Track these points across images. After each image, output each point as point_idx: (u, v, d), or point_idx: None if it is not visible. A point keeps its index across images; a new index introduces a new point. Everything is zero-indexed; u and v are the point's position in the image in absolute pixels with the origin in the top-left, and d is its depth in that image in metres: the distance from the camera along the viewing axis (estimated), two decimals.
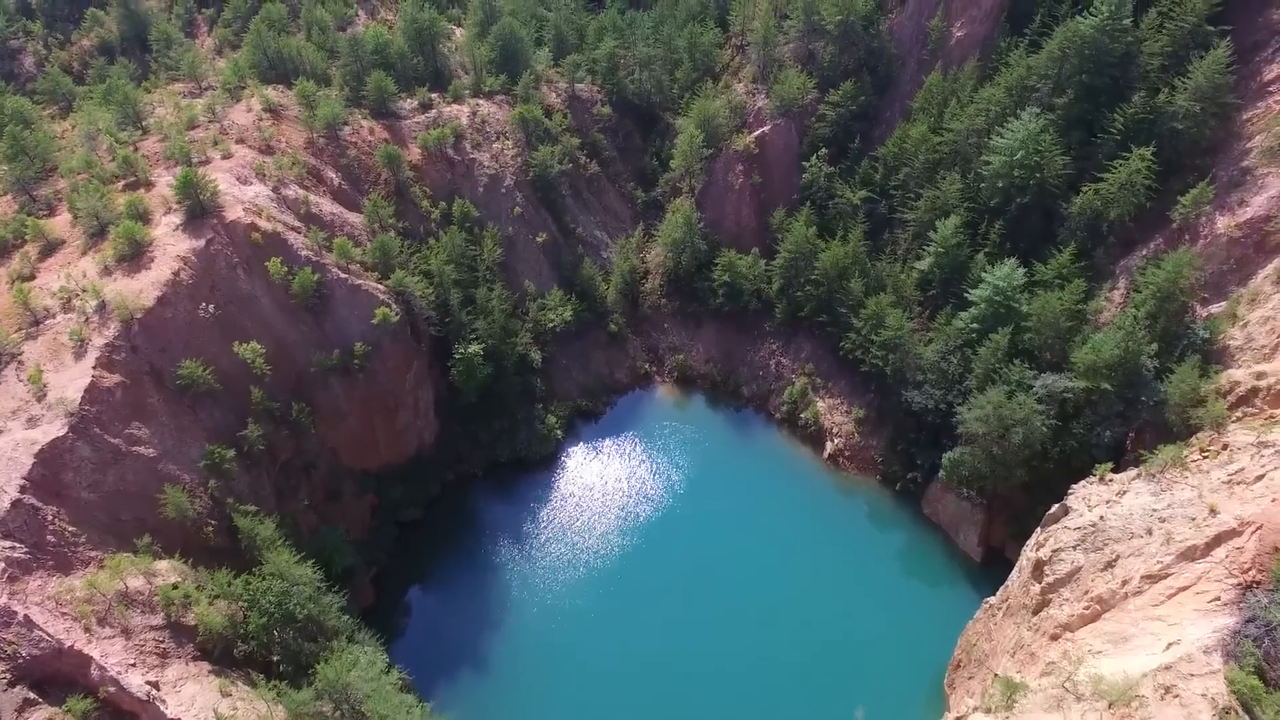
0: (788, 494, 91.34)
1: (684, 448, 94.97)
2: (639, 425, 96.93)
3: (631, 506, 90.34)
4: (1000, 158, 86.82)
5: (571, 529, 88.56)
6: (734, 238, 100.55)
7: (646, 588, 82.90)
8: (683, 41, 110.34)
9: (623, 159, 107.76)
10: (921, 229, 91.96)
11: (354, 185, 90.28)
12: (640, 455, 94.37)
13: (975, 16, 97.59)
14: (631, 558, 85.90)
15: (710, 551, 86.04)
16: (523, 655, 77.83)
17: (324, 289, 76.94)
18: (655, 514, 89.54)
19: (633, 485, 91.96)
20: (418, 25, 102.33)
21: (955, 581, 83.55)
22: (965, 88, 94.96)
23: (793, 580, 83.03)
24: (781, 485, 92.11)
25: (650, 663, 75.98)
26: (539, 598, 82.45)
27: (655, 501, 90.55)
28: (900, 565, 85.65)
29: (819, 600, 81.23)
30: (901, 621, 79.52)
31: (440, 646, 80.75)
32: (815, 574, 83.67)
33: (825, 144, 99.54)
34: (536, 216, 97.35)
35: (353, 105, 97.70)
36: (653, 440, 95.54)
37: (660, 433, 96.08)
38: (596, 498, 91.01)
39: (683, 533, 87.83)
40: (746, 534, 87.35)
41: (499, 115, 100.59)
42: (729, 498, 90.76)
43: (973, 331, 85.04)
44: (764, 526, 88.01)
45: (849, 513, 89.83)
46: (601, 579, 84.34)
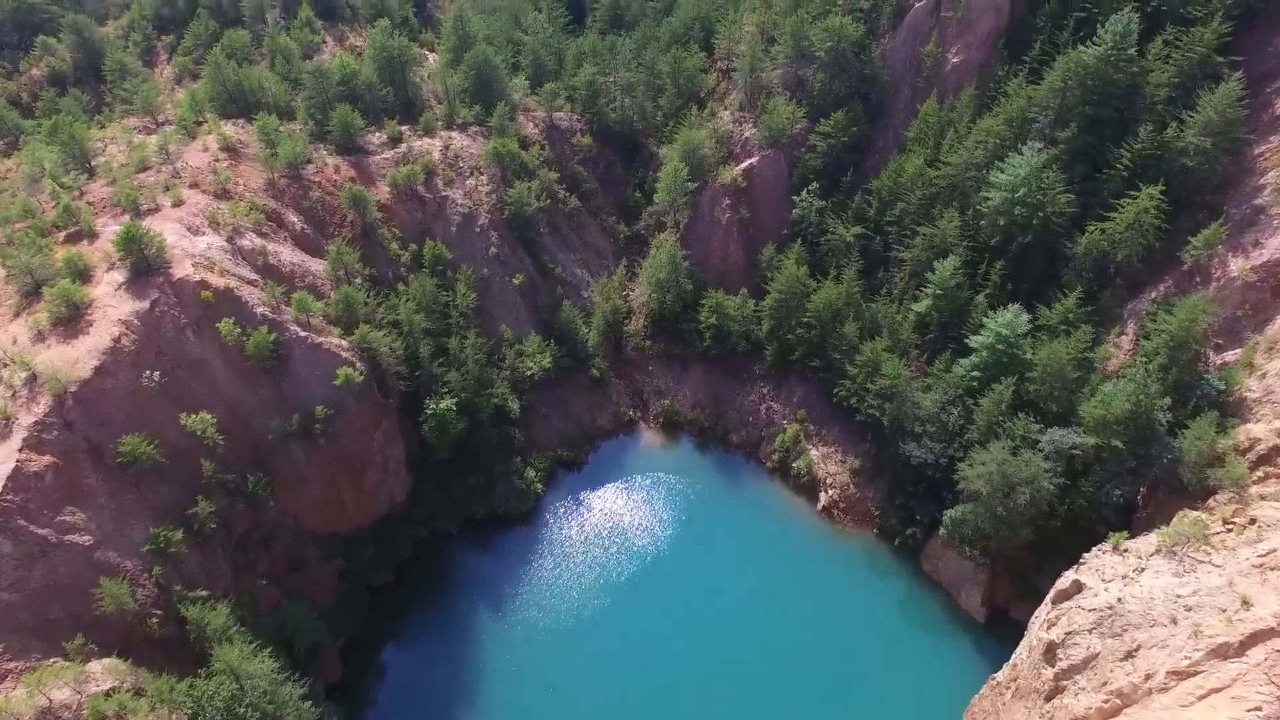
0: (781, 548, 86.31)
1: (671, 499, 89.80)
2: (623, 475, 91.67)
3: (616, 563, 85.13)
4: (1000, 194, 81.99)
5: (553, 588, 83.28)
6: (721, 275, 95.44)
7: (633, 648, 77.85)
8: (666, 66, 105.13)
9: (604, 191, 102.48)
10: (918, 268, 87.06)
11: (318, 229, 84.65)
12: (625, 508, 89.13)
13: (971, 42, 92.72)
14: (617, 617, 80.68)
15: (699, 610, 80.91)
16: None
17: (282, 349, 71.30)
18: (641, 571, 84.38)
19: (617, 540, 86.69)
20: (387, 53, 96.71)
21: (957, 643, 78.65)
22: (962, 118, 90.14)
23: (786, 641, 78.02)
24: (774, 539, 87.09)
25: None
26: (519, 659, 77.24)
27: (641, 557, 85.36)
28: (899, 625, 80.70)
29: (813, 662, 76.25)
30: (900, 686, 74.57)
31: (415, 715, 75.65)
32: (809, 634, 78.68)
33: (816, 176, 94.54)
34: (513, 256, 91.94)
35: (317, 140, 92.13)
36: (638, 491, 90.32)
37: (646, 483, 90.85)
38: (579, 554, 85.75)
39: (670, 591, 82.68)
40: (737, 591, 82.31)
41: (473, 149, 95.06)
42: (718, 553, 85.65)
43: (973, 380, 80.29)
44: (755, 583, 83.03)
45: (845, 569, 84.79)
46: (585, 639, 79.12)
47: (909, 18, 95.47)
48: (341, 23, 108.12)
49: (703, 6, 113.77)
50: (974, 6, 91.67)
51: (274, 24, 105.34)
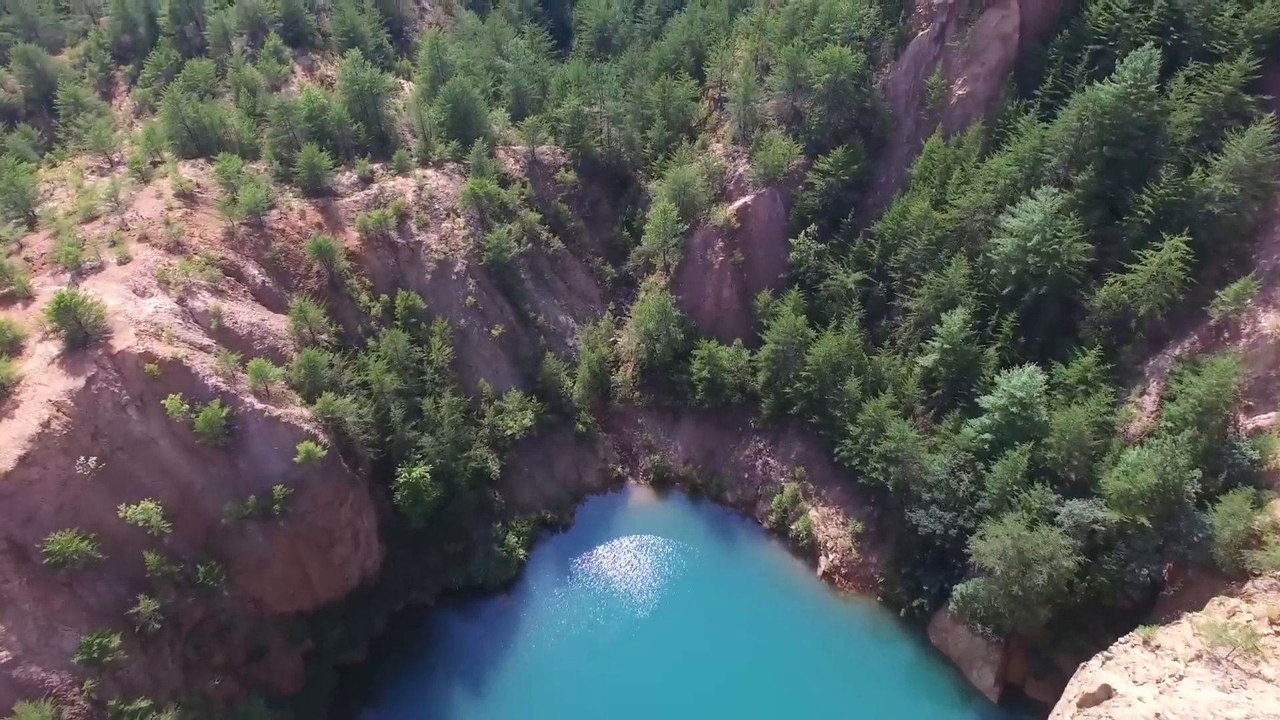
0: (778, 615, 80.00)
1: (662, 562, 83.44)
2: (611, 536, 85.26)
3: (604, 633, 78.83)
4: (1012, 240, 75.76)
5: (537, 660, 76.95)
6: (714, 321, 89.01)
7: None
8: (655, 96, 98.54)
9: (590, 229, 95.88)
10: (924, 318, 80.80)
11: (281, 281, 77.94)
12: (613, 573, 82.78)
13: (978, 74, 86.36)
14: (606, 688, 74.38)
15: (692, 680, 74.82)
16: None
17: (236, 424, 64.62)
18: (631, 639, 78.12)
19: (605, 608, 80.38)
20: (358, 86, 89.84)
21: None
22: (969, 155, 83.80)
23: (784, 714, 72.10)
24: (771, 605, 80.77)
25: None
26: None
27: (631, 625, 79.07)
28: (904, 701, 74.45)
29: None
30: None
31: None
32: (809, 707, 72.76)
33: (814, 216, 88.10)
34: (492, 305, 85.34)
35: (283, 181, 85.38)
36: (627, 554, 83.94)
37: (635, 546, 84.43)
38: (565, 623, 79.41)
39: (662, 660, 76.47)
40: (732, 660, 76.20)
41: (449, 189, 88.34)
42: (713, 619, 79.31)
43: (985, 443, 74.20)
44: (752, 651, 76.87)
45: (847, 639, 78.55)
46: (573, 713, 73.02)
47: (911, 47, 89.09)
48: (312, 50, 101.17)
49: (693, 30, 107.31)
50: (980, 36, 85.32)
51: (240, 53, 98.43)
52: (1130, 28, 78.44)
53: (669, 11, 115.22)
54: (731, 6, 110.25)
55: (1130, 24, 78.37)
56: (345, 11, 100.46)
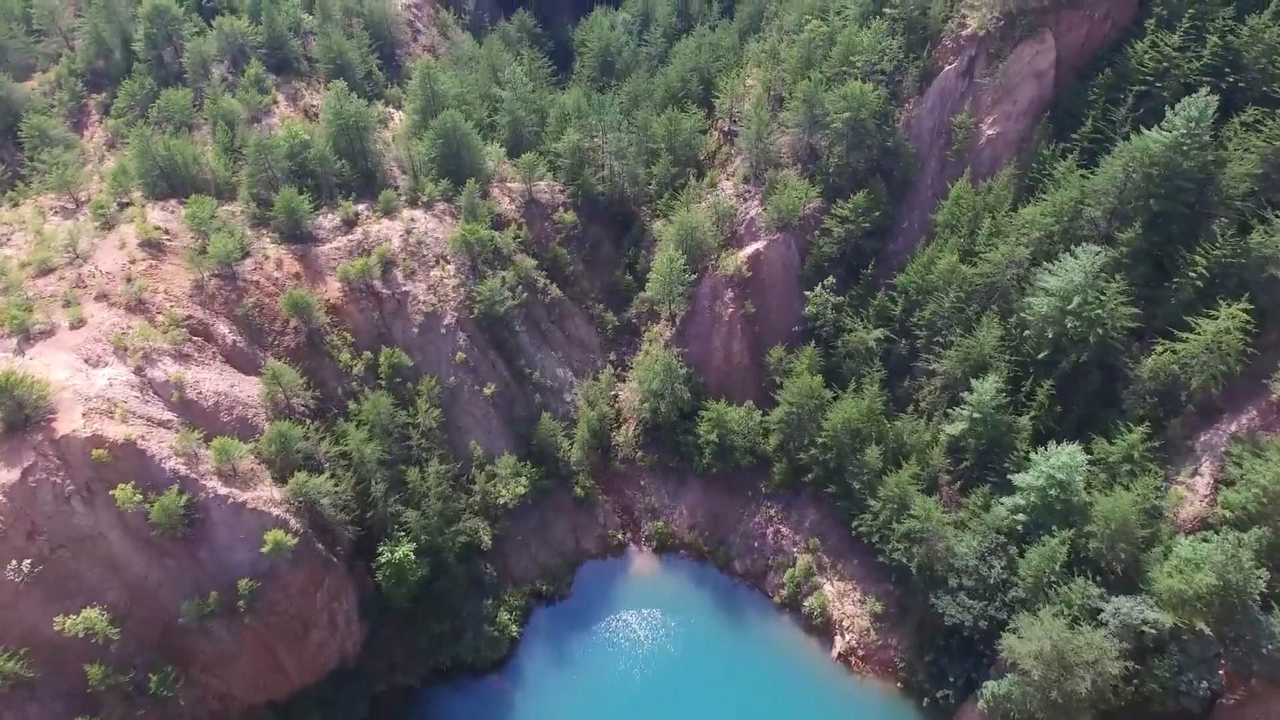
0: (790, 699, 72.58)
1: (665, 638, 76.06)
2: (611, 609, 77.89)
3: (603, 715, 71.82)
4: (1049, 300, 68.33)
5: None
6: (723, 377, 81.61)
7: None
8: (661, 128, 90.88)
9: (590, 273, 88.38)
10: (951, 381, 73.43)
11: (254, 339, 70.69)
12: (612, 649, 75.45)
13: (1010, 113, 78.71)
14: None
15: None
16: None
17: (197, 512, 57.53)
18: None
19: (604, 688, 73.15)
20: (342, 120, 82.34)
21: None
22: (1001, 203, 76.28)
23: None
24: (782, 688, 73.40)
25: None
26: None
27: (631, 707, 71.95)
28: None
29: None
30: None
31: None
32: None
33: (831, 264, 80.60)
34: (484, 361, 78.00)
35: (260, 224, 78.08)
36: (628, 630, 76.63)
37: (637, 619, 77.15)
38: (560, 706, 72.27)
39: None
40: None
41: (439, 232, 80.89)
42: (720, 702, 72.04)
43: (1018, 524, 66.93)
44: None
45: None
46: None
47: (937, 82, 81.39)
48: (296, 78, 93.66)
49: (701, 57, 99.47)
50: (1013, 73, 77.66)
51: (219, 81, 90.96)
52: (1180, 68, 70.86)
53: (676, 35, 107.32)
54: (742, 30, 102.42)
55: (1180, 64, 70.81)
56: (332, 37, 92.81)
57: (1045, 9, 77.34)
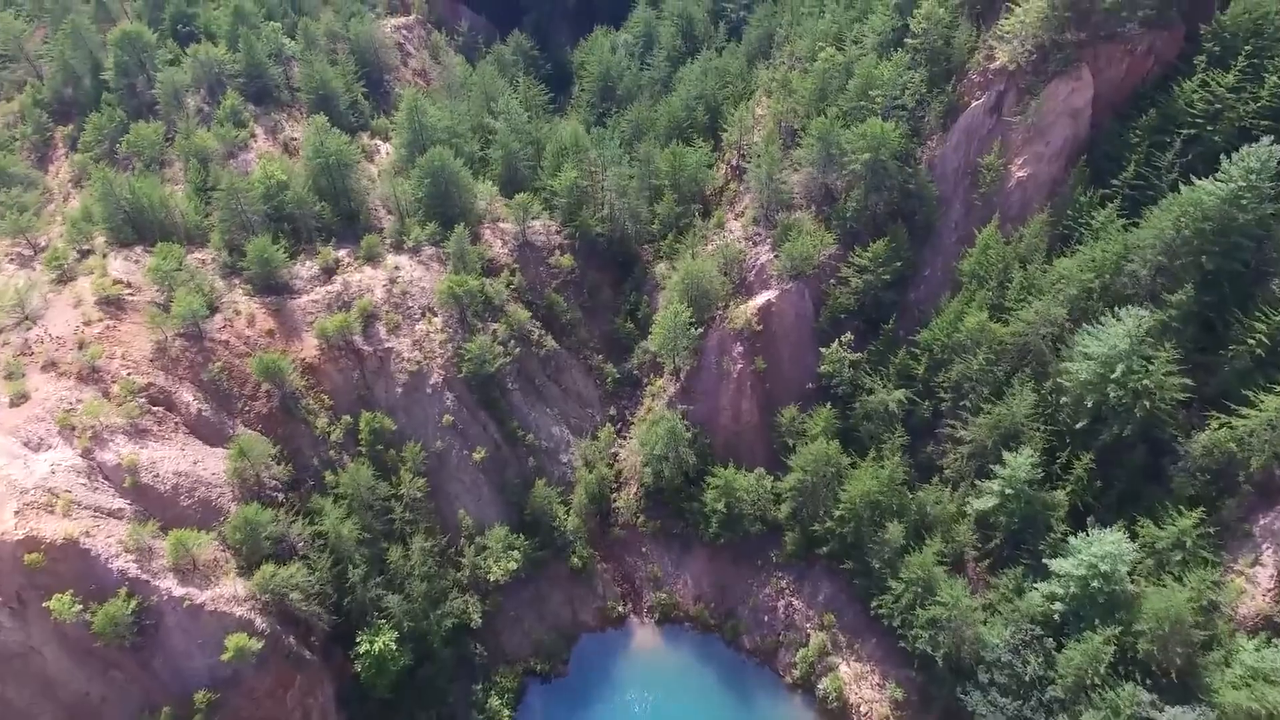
0: None
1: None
2: (610, 688, 71.04)
3: None
4: (1089, 366, 61.28)
5: None
6: (731, 437, 74.67)
7: None
8: (665, 164, 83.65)
9: (589, 321, 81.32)
10: (980, 450, 66.47)
11: (222, 405, 63.76)
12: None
13: (1042, 154, 71.44)
14: None
15: None
16: None
17: (149, 617, 50.81)
18: None
19: None
20: (322, 159, 75.22)
21: None
22: (1034, 253, 69.12)
23: None
24: None
25: None
26: None
27: None
28: None
29: None
30: None
31: None
32: None
33: (849, 315, 73.52)
34: (473, 423, 71.08)
35: (232, 274, 71.17)
36: (627, 711, 69.93)
37: (638, 700, 70.44)
38: None
39: None
40: None
41: (426, 280, 73.87)
42: None
43: (1054, 613, 60.09)
44: None
45: None
46: None
47: (963, 119, 74.07)
48: (277, 109, 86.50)
49: (707, 83, 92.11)
50: (1046, 111, 70.35)
51: (194, 113, 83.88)
52: (1235, 110, 63.59)
53: (680, 58, 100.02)
54: (750, 54, 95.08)
55: (1235, 106, 63.55)
56: (314, 65, 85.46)
57: (1082, 43, 69.93)
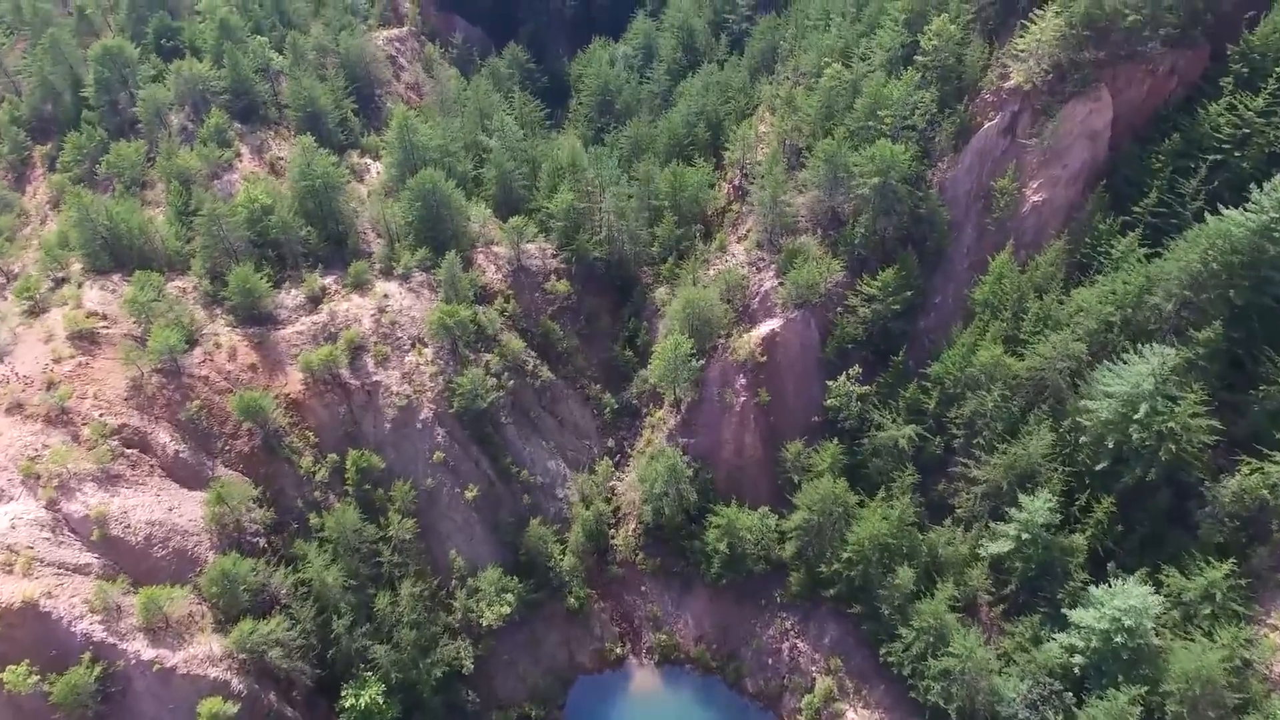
0: None
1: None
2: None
3: None
4: (1111, 404, 57.78)
5: None
6: (734, 471, 71.25)
7: None
8: (665, 184, 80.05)
9: (586, 348, 77.85)
10: (994, 490, 63.03)
11: (201, 444, 60.38)
12: None
13: (1059, 178, 67.90)
14: None
15: None
16: None
17: (115, 684, 47.49)
18: None
19: None
20: (308, 182, 71.70)
21: None
22: (1050, 283, 65.55)
23: None
24: None
25: None
26: None
27: None
28: None
29: None
30: None
31: None
32: None
33: (856, 345, 70.05)
34: (465, 459, 67.68)
35: (214, 303, 67.74)
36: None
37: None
38: None
39: None
40: None
41: (416, 309, 70.40)
42: None
43: (1074, 666, 56.69)
44: None
45: None
46: None
47: (976, 140, 70.51)
48: (263, 127, 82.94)
49: (709, 98, 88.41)
50: (1063, 133, 66.82)
51: (177, 131, 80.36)
52: (1265, 135, 59.95)
53: (680, 71, 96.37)
54: (753, 68, 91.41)
55: (1265, 131, 59.91)
56: (302, 82, 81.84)
57: (1100, 62, 66.37)
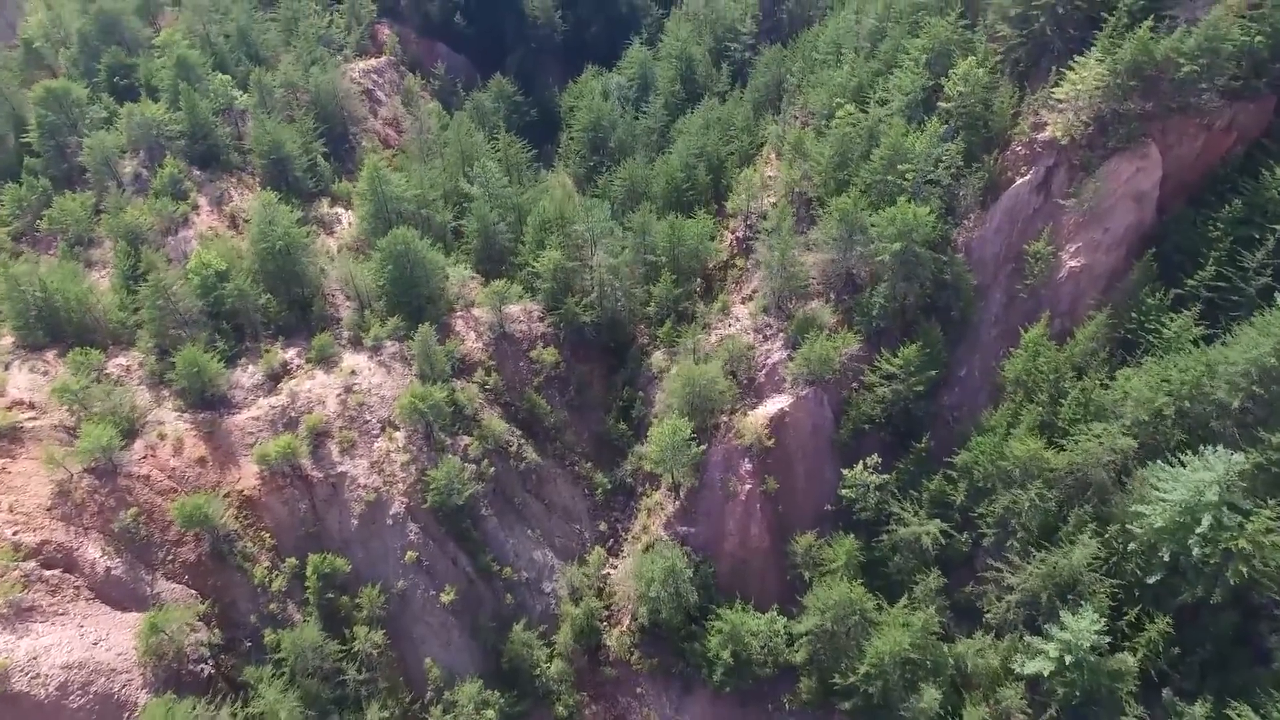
0: None
1: None
2: None
3: None
4: (1166, 512, 50.23)
5: None
6: (738, 564, 63.59)
7: None
8: (662, 238, 72.04)
9: (576, 421, 70.00)
10: (1031, 598, 55.50)
11: (138, 558, 52.63)
12: None
13: (1099, 242, 60.04)
14: None
15: None
16: None
17: None
18: None
19: None
20: (268, 244, 63.72)
21: None
22: (1091, 358, 57.86)
23: None
24: None
25: None
26: None
27: None
28: None
29: None
30: None
31: None
32: None
33: (874, 425, 62.35)
34: (441, 558, 59.99)
35: (160, 383, 59.89)
36: None
37: None
38: None
39: None
40: None
41: (386, 388, 62.53)
42: None
43: None
44: None
45: None
46: None
47: (1006, 198, 62.60)
48: (225, 174, 74.80)
49: (709, 138, 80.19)
50: (1105, 193, 58.91)
51: (131, 177, 72.31)
52: None
53: (679, 105, 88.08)
54: (756, 102, 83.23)
55: None
56: (266, 125, 73.58)
57: (1148, 114, 58.38)
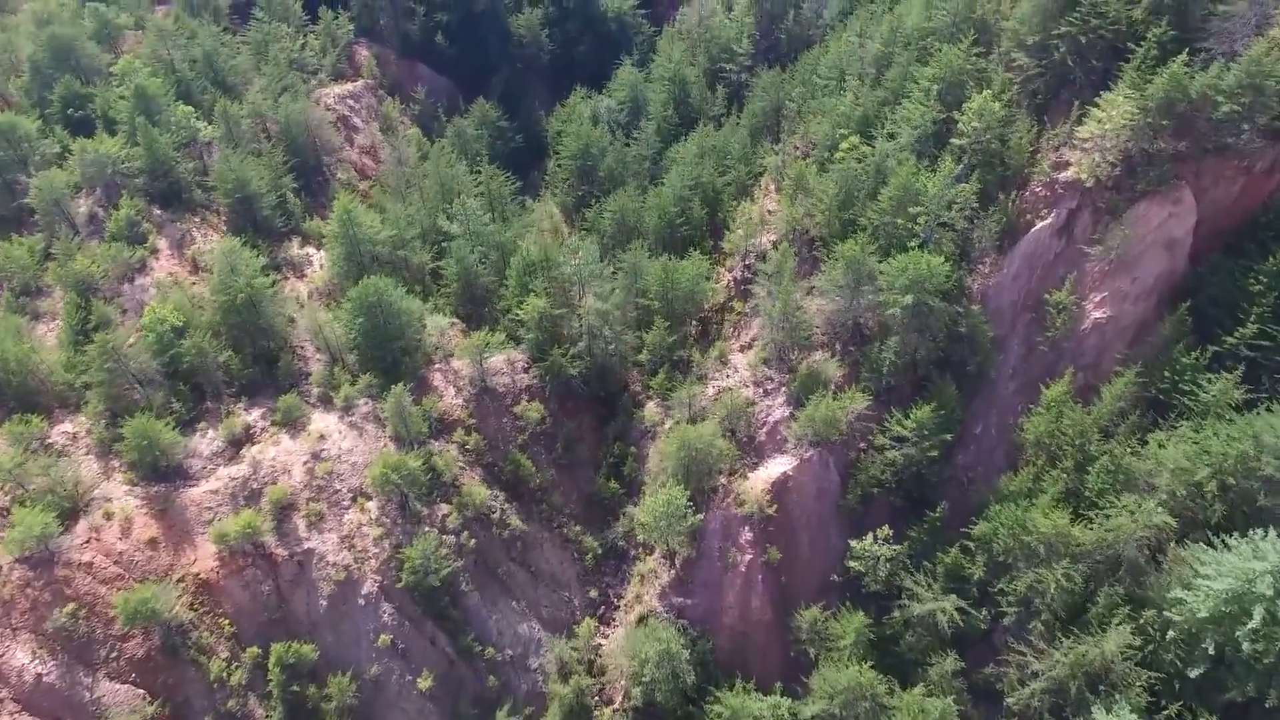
0: None
1: None
2: None
3: None
4: (1208, 601, 45.32)
5: None
6: (738, 638, 58.43)
7: None
8: (654, 280, 66.74)
9: (564, 480, 64.66)
10: (1057, 685, 50.54)
11: (77, 657, 47.35)
12: None
13: (1126, 293, 54.95)
14: None
15: None
16: None
17: None
18: None
19: None
20: (228, 296, 58.23)
21: None
22: (1119, 420, 52.85)
23: None
24: None
25: None
26: None
27: None
28: None
29: None
30: None
31: None
32: None
33: (883, 489, 57.28)
34: (418, 639, 54.75)
35: (109, 453, 54.46)
36: None
37: None
38: None
39: None
40: None
41: (358, 453, 57.18)
42: None
43: None
44: None
45: None
46: None
47: (1025, 243, 57.46)
48: (188, 213, 69.12)
49: (704, 168, 74.89)
50: (1134, 239, 53.85)
51: (85, 218, 66.74)
52: None
53: (672, 131, 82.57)
54: (754, 129, 77.72)
55: None
56: (231, 161, 67.87)
57: (1181, 155, 53.29)
